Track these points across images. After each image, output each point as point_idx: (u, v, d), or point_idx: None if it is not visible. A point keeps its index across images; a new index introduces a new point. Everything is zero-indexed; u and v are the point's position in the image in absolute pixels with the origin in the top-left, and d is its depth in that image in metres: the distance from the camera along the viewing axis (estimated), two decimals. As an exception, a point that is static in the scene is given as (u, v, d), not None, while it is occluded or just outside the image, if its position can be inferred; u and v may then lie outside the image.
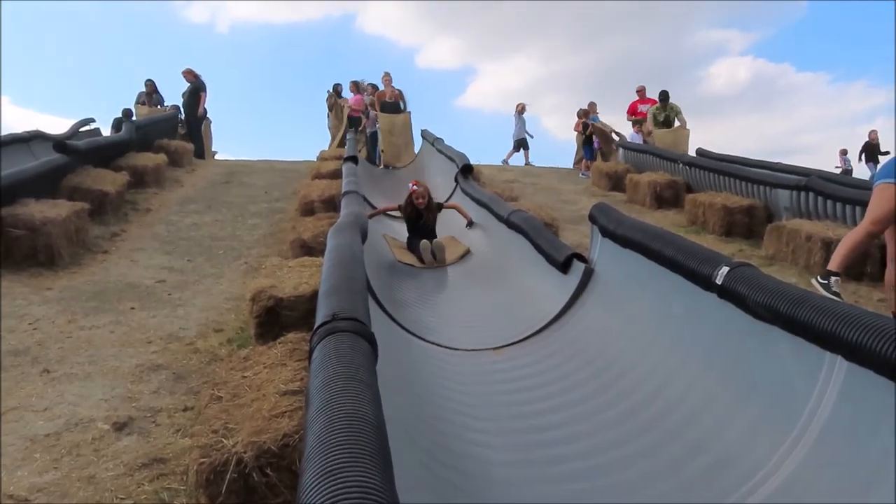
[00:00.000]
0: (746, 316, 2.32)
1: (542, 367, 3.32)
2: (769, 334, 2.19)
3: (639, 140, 11.92)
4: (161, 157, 9.77)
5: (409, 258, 5.77)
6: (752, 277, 2.35)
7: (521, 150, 13.98)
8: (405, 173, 11.40)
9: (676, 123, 11.70)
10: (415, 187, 6.23)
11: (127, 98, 12.88)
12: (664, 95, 11.78)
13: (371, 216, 6.03)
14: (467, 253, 5.77)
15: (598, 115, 13.08)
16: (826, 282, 4.31)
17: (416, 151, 12.29)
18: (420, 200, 6.15)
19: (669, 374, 2.64)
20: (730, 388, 2.30)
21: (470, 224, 6.46)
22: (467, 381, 3.28)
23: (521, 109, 13.92)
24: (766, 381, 2.15)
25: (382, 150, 12.00)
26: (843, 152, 17.94)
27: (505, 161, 13.78)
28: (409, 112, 12.40)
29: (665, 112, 11.61)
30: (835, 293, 4.20)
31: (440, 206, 6.38)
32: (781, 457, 1.91)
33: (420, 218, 6.12)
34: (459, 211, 6.63)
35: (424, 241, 5.72)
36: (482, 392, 3.13)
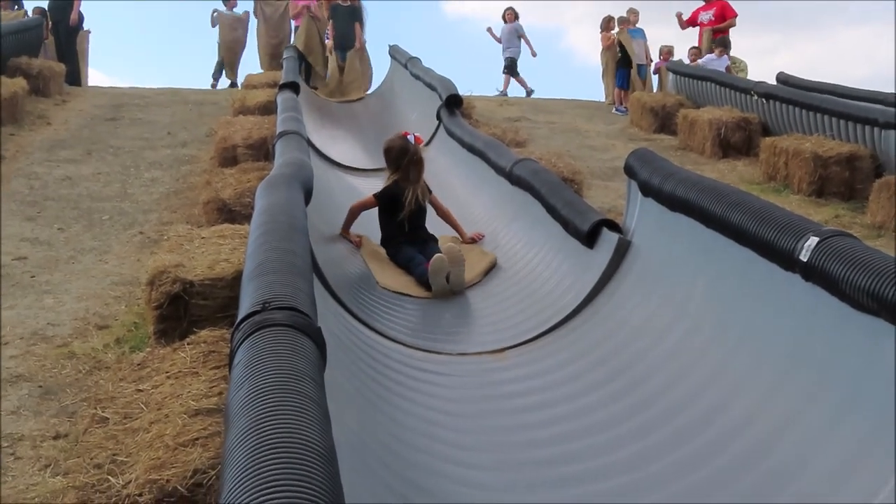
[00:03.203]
0: (843, 304, 2.34)
1: (559, 376, 3.35)
2: (873, 329, 2.21)
3: (720, 66, 11.80)
4: (18, 83, 9.64)
5: (401, 282, 4.78)
6: (851, 252, 2.36)
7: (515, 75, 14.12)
8: (365, 107, 11.32)
9: None
10: (408, 138, 5.21)
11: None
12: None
13: (349, 223, 5.24)
14: (493, 266, 4.92)
15: (643, 29, 13.01)
16: None
17: (372, 83, 12.29)
18: (418, 157, 5.12)
19: (736, 383, 2.67)
20: (821, 402, 2.32)
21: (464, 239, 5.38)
22: (453, 396, 3.30)
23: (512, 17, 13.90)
24: (871, 391, 2.18)
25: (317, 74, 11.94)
26: None
27: (503, 92, 13.98)
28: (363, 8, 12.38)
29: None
30: None
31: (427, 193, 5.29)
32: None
33: (416, 201, 5.10)
34: (449, 220, 5.45)
35: (439, 258, 4.62)
36: (474, 411, 3.15)
